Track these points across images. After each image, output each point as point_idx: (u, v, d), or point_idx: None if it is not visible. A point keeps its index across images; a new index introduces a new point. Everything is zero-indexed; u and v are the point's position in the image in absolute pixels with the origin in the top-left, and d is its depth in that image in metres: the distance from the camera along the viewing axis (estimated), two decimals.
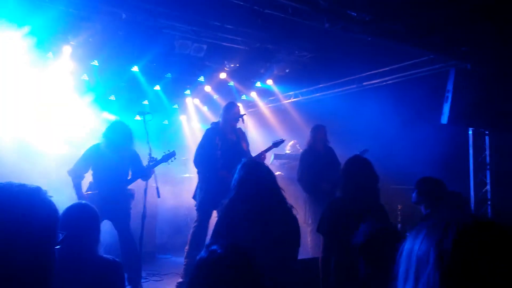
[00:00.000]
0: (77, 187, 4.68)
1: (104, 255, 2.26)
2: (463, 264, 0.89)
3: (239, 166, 3.01)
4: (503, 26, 4.83)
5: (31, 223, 1.11)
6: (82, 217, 2.22)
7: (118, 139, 4.76)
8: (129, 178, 4.91)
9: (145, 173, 4.80)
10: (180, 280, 4.97)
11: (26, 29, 5.79)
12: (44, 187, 1.22)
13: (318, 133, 6.04)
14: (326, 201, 5.43)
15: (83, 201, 2.44)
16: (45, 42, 6.36)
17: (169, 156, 5.05)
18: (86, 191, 4.80)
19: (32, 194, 1.17)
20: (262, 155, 5.34)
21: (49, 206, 1.19)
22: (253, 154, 5.37)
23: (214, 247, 1.49)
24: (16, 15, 5.66)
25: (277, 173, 6.79)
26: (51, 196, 1.22)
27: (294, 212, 3.00)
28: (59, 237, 1.21)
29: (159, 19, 6.19)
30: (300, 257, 3.12)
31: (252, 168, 2.97)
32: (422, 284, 0.93)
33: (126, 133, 4.85)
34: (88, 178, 4.91)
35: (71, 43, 6.53)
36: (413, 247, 1.00)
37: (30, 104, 6.42)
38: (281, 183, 3.12)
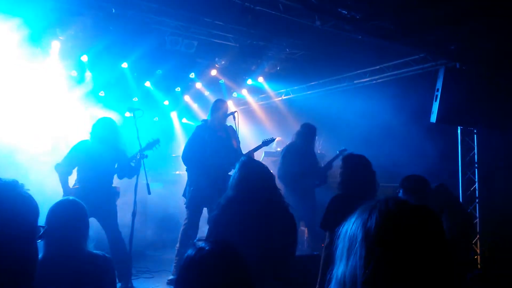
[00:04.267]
0: (64, 182, 4.61)
1: (94, 251, 2.24)
2: (385, 240, 1.01)
3: (238, 165, 2.98)
4: (492, 25, 4.88)
5: (8, 217, 1.09)
6: (70, 212, 2.19)
7: (106, 135, 4.73)
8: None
9: (132, 169, 4.76)
10: (171, 277, 4.98)
11: (14, 23, 5.69)
12: (36, 184, 1.20)
13: (307, 132, 5.84)
14: (304, 195, 5.45)
15: (71, 197, 2.39)
16: (33, 37, 6.25)
17: (153, 144, 4.95)
18: (73, 186, 4.74)
19: (8, 187, 1.14)
20: (252, 153, 5.34)
21: (27, 200, 1.16)
22: (243, 151, 5.36)
23: (202, 244, 1.47)
24: (3, 8, 5.56)
25: None
26: (28, 190, 1.19)
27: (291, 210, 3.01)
28: (40, 230, 1.19)
29: (149, 14, 6.15)
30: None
31: (251, 168, 2.94)
32: (352, 260, 1.04)
33: (113, 129, 4.82)
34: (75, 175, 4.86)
35: (60, 37, 6.45)
36: (347, 228, 1.10)
37: (17, 101, 6.32)
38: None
